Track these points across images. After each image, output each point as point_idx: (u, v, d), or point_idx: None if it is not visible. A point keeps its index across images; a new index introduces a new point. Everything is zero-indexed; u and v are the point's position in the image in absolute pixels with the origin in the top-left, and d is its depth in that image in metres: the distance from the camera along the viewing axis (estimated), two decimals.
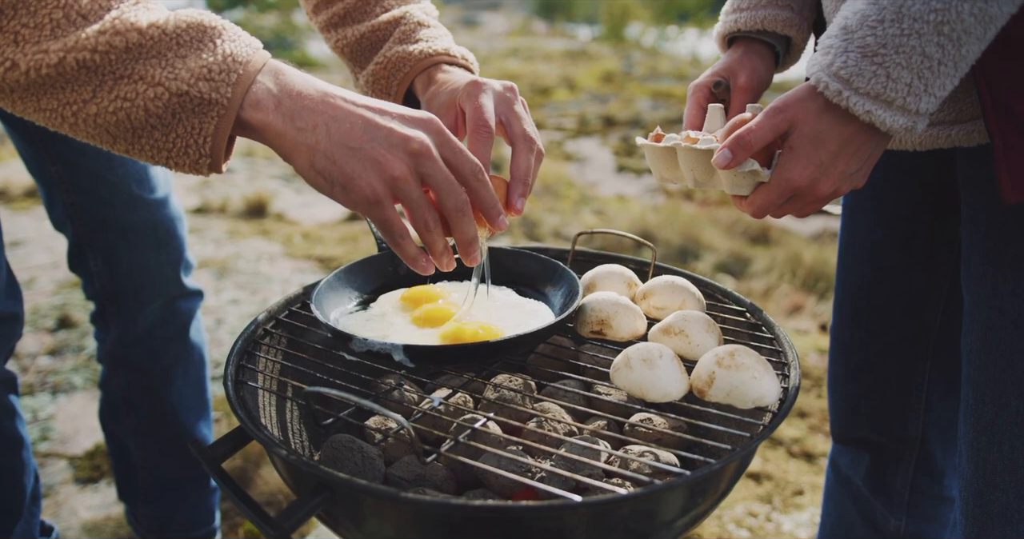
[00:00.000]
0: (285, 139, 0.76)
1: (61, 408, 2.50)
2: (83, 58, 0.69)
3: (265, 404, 1.01)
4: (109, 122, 0.72)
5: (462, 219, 0.81)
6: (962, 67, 0.79)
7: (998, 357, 0.99)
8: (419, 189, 0.79)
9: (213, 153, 0.75)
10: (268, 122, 0.75)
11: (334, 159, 0.76)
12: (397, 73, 1.09)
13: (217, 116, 0.73)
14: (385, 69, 1.09)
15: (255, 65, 0.75)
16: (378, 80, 1.11)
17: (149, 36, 0.71)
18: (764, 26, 1.08)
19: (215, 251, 3.83)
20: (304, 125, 0.75)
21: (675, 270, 1.19)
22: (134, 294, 1.51)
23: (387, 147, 0.76)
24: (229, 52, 0.74)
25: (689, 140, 0.93)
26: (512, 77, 10.92)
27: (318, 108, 0.76)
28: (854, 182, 0.87)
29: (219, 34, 0.75)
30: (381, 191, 0.77)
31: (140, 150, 0.75)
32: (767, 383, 0.88)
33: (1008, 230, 0.96)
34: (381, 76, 1.10)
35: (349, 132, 0.76)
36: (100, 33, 0.69)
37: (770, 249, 5.15)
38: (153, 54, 0.71)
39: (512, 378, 1.09)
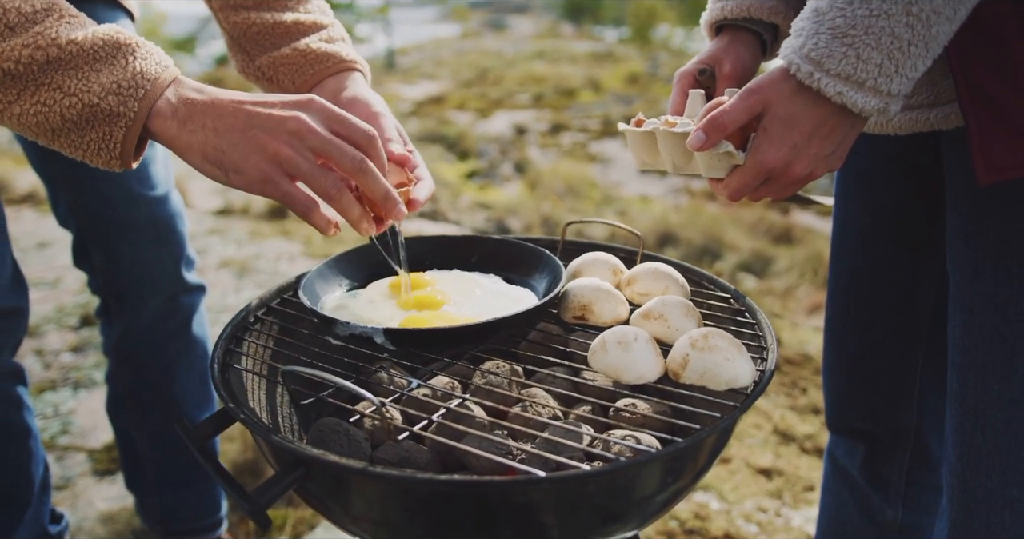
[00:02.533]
0: (179, 141, 0.84)
1: (82, 403, 2.55)
2: (8, 67, 0.79)
3: (255, 388, 1.03)
4: (31, 122, 0.81)
5: (365, 177, 0.86)
6: (933, 48, 0.79)
7: (979, 340, 0.98)
8: (309, 162, 0.84)
9: (123, 156, 0.84)
10: (164, 128, 0.84)
11: (222, 149, 0.83)
12: (316, 65, 1.14)
13: (124, 127, 0.82)
14: (304, 57, 1.14)
15: (163, 82, 0.84)
16: (287, 66, 1.15)
17: (67, 51, 0.80)
18: (750, 14, 1.08)
19: (236, 251, 3.89)
20: (194, 126, 0.84)
21: (662, 258, 1.19)
22: (136, 290, 1.55)
23: (267, 130, 0.83)
24: (139, 69, 0.83)
25: (668, 124, 0.94)
26: (537, 79, 10.94)
27: (207, 110, 0.84)
28: (829, 164, 0.87)
29: (132, 51, 0.83)
30: (269, 170, 0.84)
31: (60, 146, 0.84)
32: (741, 365, 0.88)
33: (988, 213, 0.96)
34: (296, 63, 1.15)
35: (232, 124, 0.84)
36: (24, 46, 0.78)
37: (792, 249, 5.11)
38: (70, 67, 0.80)
39: (500, 364, 1.10)
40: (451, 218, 5.18)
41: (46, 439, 2.33)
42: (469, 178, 7.58)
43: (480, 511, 0.81)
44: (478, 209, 5.85)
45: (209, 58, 12.17)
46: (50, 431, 2.38)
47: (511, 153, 8.15)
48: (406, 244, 1.20)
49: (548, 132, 8.66)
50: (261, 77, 1.20)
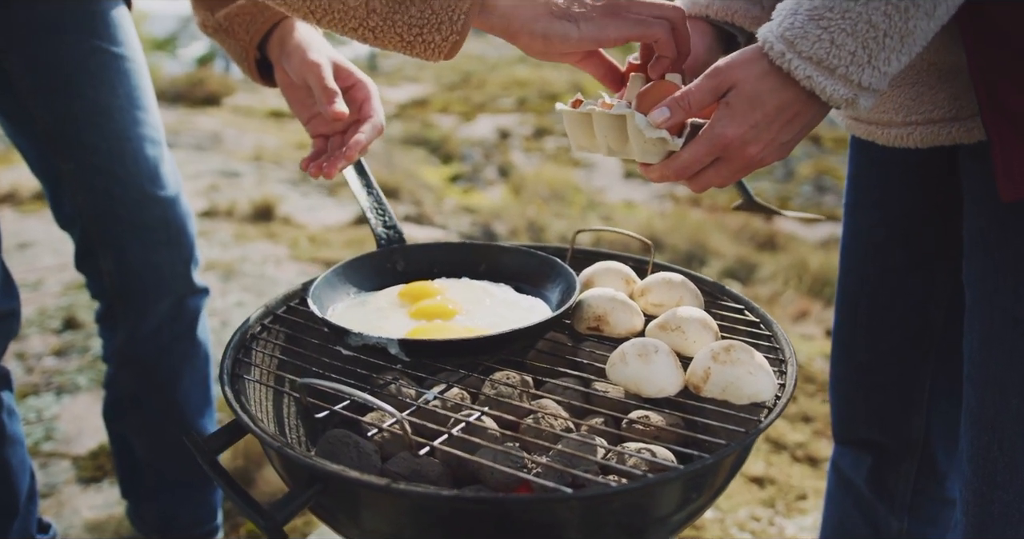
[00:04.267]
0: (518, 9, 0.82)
1: (65, 408, 2.50)
2: None
3: (262, 399, 1.01)
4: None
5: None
6: (909, 43, 0.77)
7: (999, 355, 0.98)
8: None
9: (462, 32, 0.80)
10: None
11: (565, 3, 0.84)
12: (265, 12, 1.16)
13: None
14: (255, 6, 1.15)
15: None
16: (241, 16, 1.16)
17: None
18: (734, 20, 1.07)
19: (221, 254, 3.85)
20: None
21: (673, 268, 1.18)
22: (144, 292, 1.52)
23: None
24: None
25: (605, 106, 0.92)
26: (520, 83, 10.93)
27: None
28: (780, 153, 0.85)
29: None
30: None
31: (391, 26, 0.80)
32: (763, 379, 0.87)
33: (1009, 227, 0.95)
34: (248, 13, 1.16)
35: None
36: None
37: (776, 255, 5.13)
38: None
39: (510, 375, 1.08)
40: (437, 222, 5.15)
41: (30, 445, 2.28)
42: (453, 182, 7.55)
43: (500, 527, 0.79)
44: (463, 213, 5.83)
45: (190, 58, 12.07)
46: (33, 437, 2.33)
47: (495, 157, 8.14)
48: (414, 250, 1.19)
49: (532, 136, 8.66)
50: (219, 29, 1.20)
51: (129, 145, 1.45)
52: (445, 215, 5.51)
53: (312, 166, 1.14)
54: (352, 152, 1.11)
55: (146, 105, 1.49)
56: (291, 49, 1.15)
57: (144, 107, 1.48)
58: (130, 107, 1.45)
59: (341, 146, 1.16)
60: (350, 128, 1.18)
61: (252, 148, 6.67)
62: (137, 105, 1.47)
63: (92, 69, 1.41)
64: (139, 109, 1.47)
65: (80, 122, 1.42)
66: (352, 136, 1.13)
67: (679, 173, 0.86)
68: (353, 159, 1.12)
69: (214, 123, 7.69)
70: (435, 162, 7.99)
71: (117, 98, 1.44)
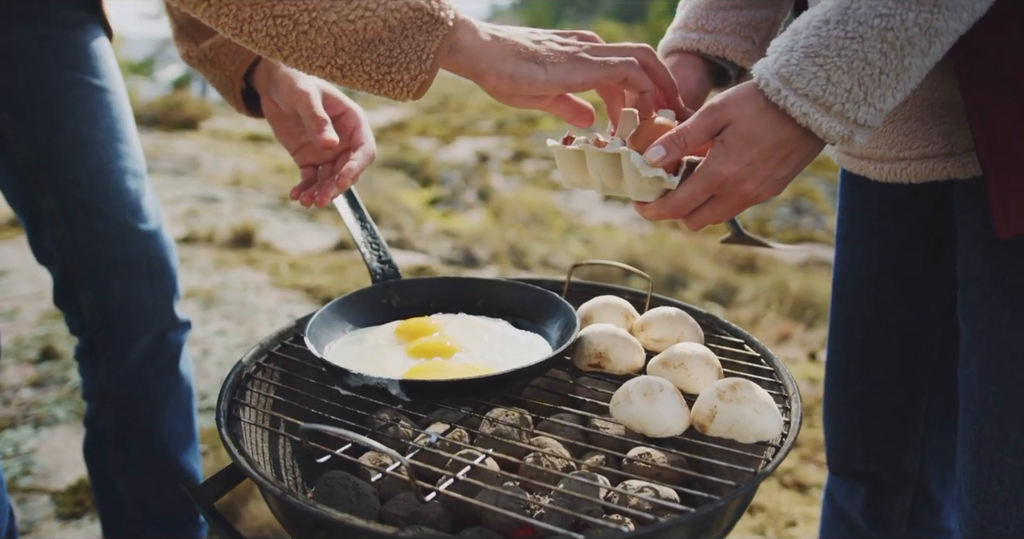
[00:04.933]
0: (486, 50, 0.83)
1: (44, 442, 2.45)
2: None
3: (258, 440, 0.99)
4: (344, 31, 0.77)
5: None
6: (904, 81, 0.77)
7: (997, 388, 0.98)
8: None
9: (431, 71, 0.81)
10: (471, 39, 0.83)
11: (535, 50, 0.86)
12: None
13: (440, 36, 0.79)
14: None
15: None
16: (227, 46, 1.16)
17: None
18: (725, 55, 1.08)
19: (201, 281, 3.81)
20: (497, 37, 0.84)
21: (671, 301, 1.18)
22: (126, 327, 1.49)
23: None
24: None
25: (598, 144, 0.91)
26: (499, 106, 10.98)
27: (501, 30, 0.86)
28: (776, 190, 0.85)
29: None
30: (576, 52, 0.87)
31: (359, 65, 0.79)
32: (769, 417, 0.87)
33: (1005, 261, 0.96)
34: (234, 43, 1.15)
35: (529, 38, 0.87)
36: None
37: (757, 277, 5.16)
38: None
39: (508, 412, 1.07)
40: (417, 247, 5.14)
41: (7, 481, 2.23)
42: (432, 205, 7.55)
43: None
44: (443, 237, 5.82)
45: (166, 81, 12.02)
46: (11, 472, 2.28)
47: (474, 180, 8.16)
48: (410, 285, 1.18)
49: (511, 159, 8.69)
50: (204, 60, 1.20)
51: (111, 178, 1.43)
52: (426, 239, 5.49)
53: (304, 195, 1.13)
54: (345, 180, 1.10)
55: (127, 137, 1.47)
56: (279, 79, 1.15)
57: (125, 139, 1.47)
58: (112, 140, 1.44)
59: (331, 175, 1.16)
60: (340, 157, 1.17)
61: (230, 172, 6.64)
62: (118, 138, 1.45)
63: (74, 102, 1.40)
64: (120, 142, 1.45)
65: (61, 156, 1.40)
66: (343, 164, 1.13)
67: (675, 211, 0.86)
68: (345, 186, 1.11)
69: (191, 147, 7.65)
70: (414, 186, 8.00)
71: (99, 131, 1.42)
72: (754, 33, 1.11)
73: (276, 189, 6.22)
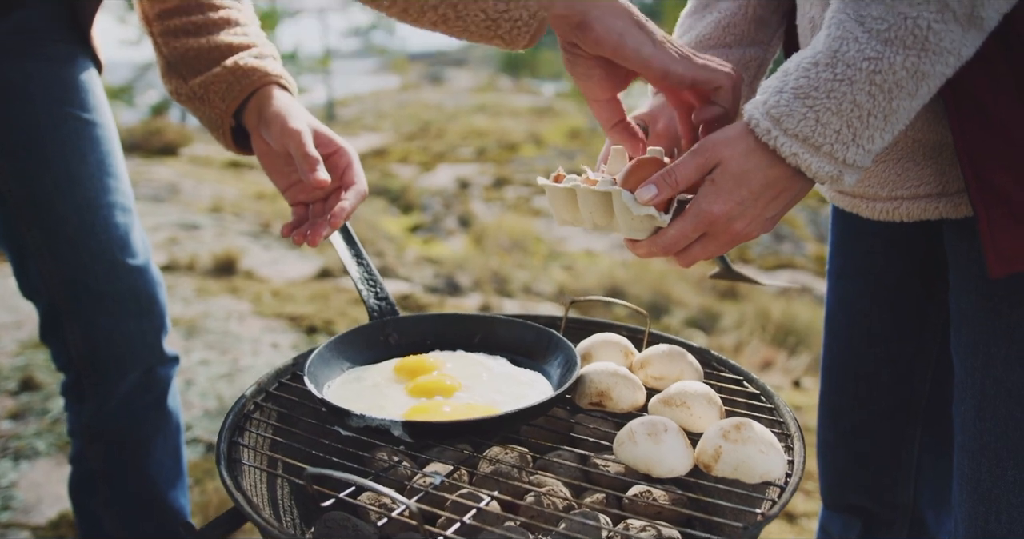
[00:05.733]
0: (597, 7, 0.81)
1: (24, 475, 2.41)
2: None
3: (256, 481, 0.98)
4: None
5: None
6: (892, 122, 0.79)
7: (993, 425, 0.99)
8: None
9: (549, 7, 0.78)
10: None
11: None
12: (243, 80, 1.16)
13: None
14: (233, 74, 1.17)
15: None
16: (217, 84, 1.17)
17: None
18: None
19: (183, 310, 3.77)
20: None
21: (669, 338, 1.18)
22: (113, 364, 1.47)
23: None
24: None
25: (588, 182, 0.91)
26: (479, 133, 11.06)
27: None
28: (766, 227, 0.86)
29: None
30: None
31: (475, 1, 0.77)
32: (774, 457, 0.87)
33: (998, 300, 0.97)
34: (225, 81, 1.17)
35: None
36: None
37: (739, 304, 5.20)
38: None
39: (507, 450, 1.07)
40: (400, 274, 5.13)
41: None
42: (413, 232, 7.55)
43: None
44: (425, 264, 5.82)
45: (146, 107, 11.98)
46: None
47: (455, 207, 8.18)
48: (407, 322, 1.18)
49: (491, 186, 8.72)
50: (193, 97, 1.20)
51: (99, 213, 1.42)
52: (408, 267, 5.49)
53: (296, 234, 1.13)
54: (337, 220, 1.11)
55: (116, 171, 1.46)
56: (270, 117, 1.14)
57: (114, 174, 1.45)
58: (101, 174, 1.43)
59: (323, 213, 1.15)
60: (331, 195, 1.17)
61: (211, 199, 6.61)
62: (107, 172, 1.44)
63: (63, 137, 1.39)
64: (109, 176, 1.44)
65: (50, 191, 1.38)
66: (335, 203, 1.13)
67: (667, 249, 0.87)
68: (338, 226, 1.11)
69: (171, 173, 7.62)
70: (395, 212, 8.00)
71: (88, 166, 1.41)
72: (744, 72, 1.13)
73: (257, 215, 6.20)
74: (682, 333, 4.57)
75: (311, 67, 14.20)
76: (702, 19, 1.14)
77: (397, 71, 27.98)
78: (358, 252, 1.23)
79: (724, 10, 1.13)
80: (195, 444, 2.58)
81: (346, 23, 57.31)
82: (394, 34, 28.34)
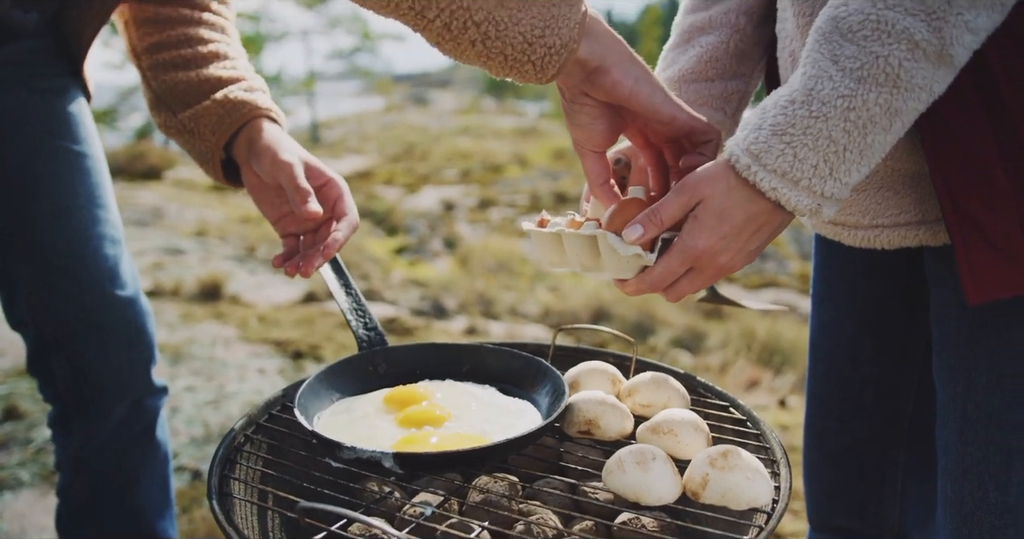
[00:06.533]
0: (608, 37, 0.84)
1: (7, 506, 2.38)
2: None
3: (247, 514, 0.98)
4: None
5: None
6: (868, 156, 0.81)
7: (975, 449, 1.01)
8: None
9: (579, 40, 0.81)
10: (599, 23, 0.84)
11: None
12: (234, 113, 1.19)
13: (580, 10, 0.81)
14: (223, 108, 1.19)
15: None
16: (207, 117, 1.19)
17: None
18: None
19: (168, 336, 3.75)
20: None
21: (656, 365, 1.20)
22: (102, 396, 1.47)
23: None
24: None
25: (573, 225, 0.93)
26: (464, 154, 11.10)
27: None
28: (749, 259, 0.88)
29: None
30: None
31: (515, 25, 0.78)
32: (760, 484, 0.88)
33: (978, 326, 0.99)
34: (215, 114, 1.19)
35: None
36: None
37: (724, 324, 5.22)
38: None
39: (496, 479, 1.07)
40: (386, 297, 5.13)
41: None
42: (399, 254, 7.55)
43: None
44: (411, 287, 5.82)
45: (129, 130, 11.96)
46: None
47: (440, 228, 8.20)
48: (396, 352, 1.19)
49: (477, 207, 8.75)
50: (183, 130, 1.21)
51: (89, 245, 1.42)
52: (394, 290, 5.48)
53: (288, 265, 1.14)
54: (330, 250, 1.12)
55: (106, 203, 1.46)
56: (261, 149, 1.16)
57: (104, 205, 1.46)
58: (91, 206, 1.43)
59: (313, 244, 1.16)
60: (322, 226, 1.18)
61: (195, 223, 6.60)
62: (97, 203, 1.44)
63: (54, 170, 1.39)
64: (99, 207, 1.44)
65: (40, 223, 1.39)
66: (326, 233, 1.14)
67: (654, 286, 0.89)
68: (331, 257, 1.13)
69: (155, 197, 7.60)
70: (380, 234, 8.01)
71: (78, 198, 1.41)
72: (726, 105, 1.15)
73: (242, 239, 6.19)
74: (668, 353, 4.59)
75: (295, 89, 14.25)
76: (684, 53, 1.17)
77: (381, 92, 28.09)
78: (347, 282, 1.24)
79: (706, 44, 1.15)
80: (181, 472, 2.56)
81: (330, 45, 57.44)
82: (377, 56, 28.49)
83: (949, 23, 0.76)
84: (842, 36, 0.79)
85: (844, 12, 0.79)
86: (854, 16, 0.78)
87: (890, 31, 0.76)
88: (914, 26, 0.76)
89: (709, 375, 4.15)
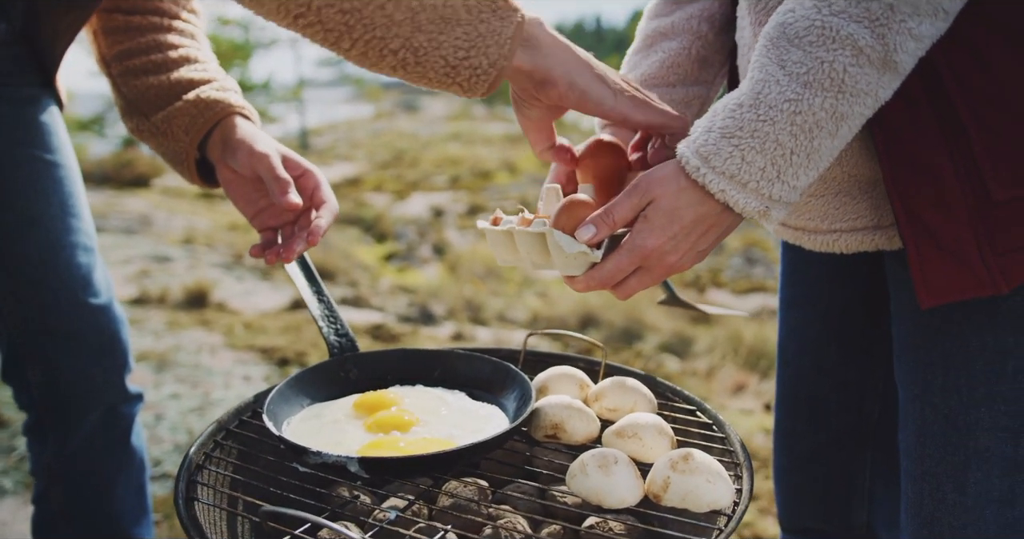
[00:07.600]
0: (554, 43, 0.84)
1: None
2: None
3: (216, 519, 0.99)
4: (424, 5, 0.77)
5: None
6: (815, 160, 0.82)
7: (933, 451, 1.02)
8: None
9: (509, 57, 0.80)
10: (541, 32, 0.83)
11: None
12: (207, 112, 1.19)
13: (514, 23, 0.80)
14: (196, 107, 1.19)
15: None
16: (180, 117, 1.19)
17: None
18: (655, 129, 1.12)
19: (154, 343, 3.75)
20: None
21: (625, 369, 1.21)
22: (75, 403, 1.47)
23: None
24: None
25: (524, 222, 0.94)
26: (453, 161, 11.12)
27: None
28: (698, 259, 0.90)
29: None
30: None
31: (435, 49, 0.78)
32: (721, 486, 0.90)
33: (933, 330, 1.01)
34: (188, 114, 1.19)
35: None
36: None
37: (712, 329, 5.24)
38: None
39: (465, 484, 1.08)
40: (374, 304, 5.13)
41: None
42: (387, 260, 7.55)
43: None
44: (399, 293, 5.82)
45: (117, 138, 11.93)
46: None
47: (429, 235, 8.20)
48: (367, 358, 1.20)
49: (466, 214, 8.75)
50: (156, 132, 1.21)
51: (62, 254, 1.43)
52: (382, 296, 5.49)
53: (268, 253, 1.13)
54: (315, 237, 1.11)
55: (79, 212, 1.47)
56: (236, 144, 1.16)
57: (77, 214, 1.46)
58: (63, 215, 1.43)
59: (292, 235, 1.16)
60: (301, 217, 1.18)
61: (183, 230, 6.59)
62: (70, 212, 1.45)
63: (25, 179, 1.39)
64: (72, 216, 1.45)
65: (11, 233, 1.39)
66: (307, 223, 1.14)
67: (603, 283, 0.90)
68: (315, 243, 1.11)
69: (143, 205, 7.59)
70: (369, 241, 8.01)
71: (50, 207, 1.42)
72: (687, 110, 1.17)
73: (230, 247, 6.19)
74: (655, 358, 4.60)
75: (284, 97, 14.26)
76: (647, 58, 1.19)
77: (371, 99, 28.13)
78: (319, 289, 1.25)
79: (668, 50, 1.17)
80: (165, 479, 2.57)
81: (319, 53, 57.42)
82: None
83: (893, 30, 0.77)
84: (789, 41, 0.80)
85: (791, 18, 0.81)
86: (800, 22, 0.80)
87: (835, 37, 0.78)
88: (858, 32, 0.78)
89: (696, 380, 4.17)
